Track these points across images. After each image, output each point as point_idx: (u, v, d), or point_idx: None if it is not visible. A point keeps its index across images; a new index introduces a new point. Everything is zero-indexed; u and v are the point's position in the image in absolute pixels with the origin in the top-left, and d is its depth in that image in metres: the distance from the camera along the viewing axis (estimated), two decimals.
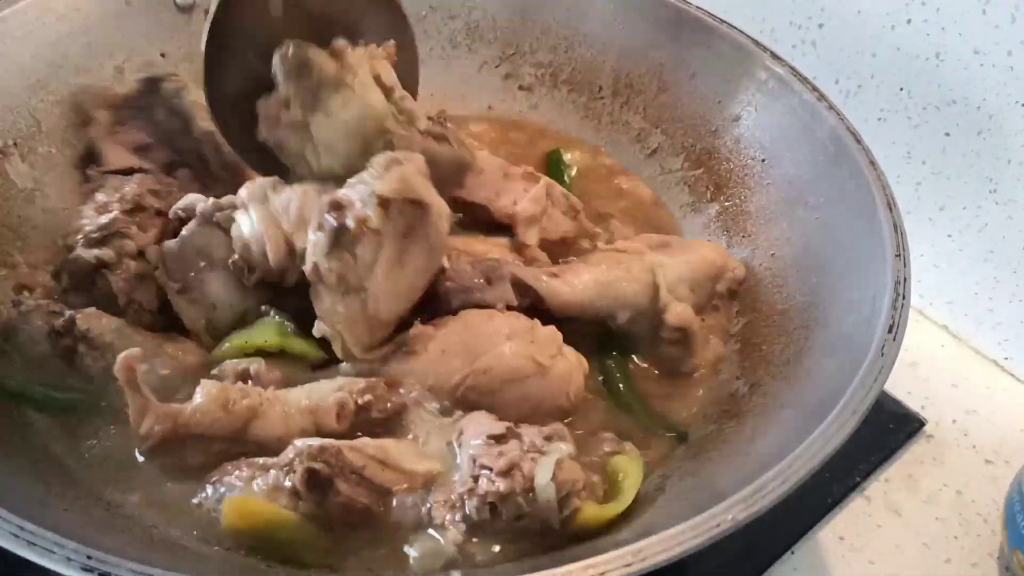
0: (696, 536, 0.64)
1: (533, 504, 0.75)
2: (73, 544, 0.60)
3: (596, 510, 0.78)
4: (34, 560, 0.60)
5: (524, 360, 0.87)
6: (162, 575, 0.60)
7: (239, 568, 0.75)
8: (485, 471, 0.76)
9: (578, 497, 0.77)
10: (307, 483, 0.74)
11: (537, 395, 0.88)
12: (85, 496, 0.79)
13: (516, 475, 0.75)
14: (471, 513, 0.76)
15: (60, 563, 0.60)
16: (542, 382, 0.88)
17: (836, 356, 0.84)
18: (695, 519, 0.65)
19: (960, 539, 1.03)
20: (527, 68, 1.34)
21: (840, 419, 0.72)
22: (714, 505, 0.66)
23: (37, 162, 1.06)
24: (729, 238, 1.11)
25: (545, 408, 0.88)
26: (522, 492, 0.75)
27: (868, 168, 0.96)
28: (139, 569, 0.60)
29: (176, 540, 0.77)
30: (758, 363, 0.94)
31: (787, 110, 1.08)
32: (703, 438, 0.90)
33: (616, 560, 0.62)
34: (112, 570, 0.59)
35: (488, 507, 0.75)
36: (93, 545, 0.61)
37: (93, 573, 0.59)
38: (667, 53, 1.22)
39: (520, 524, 0.76)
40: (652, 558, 0.62)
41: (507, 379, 0.87)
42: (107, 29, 1.16)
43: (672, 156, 1.22)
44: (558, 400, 0.89)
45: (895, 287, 0.83)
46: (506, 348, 0.88)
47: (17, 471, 0.76)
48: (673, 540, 0.64)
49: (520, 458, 0.77)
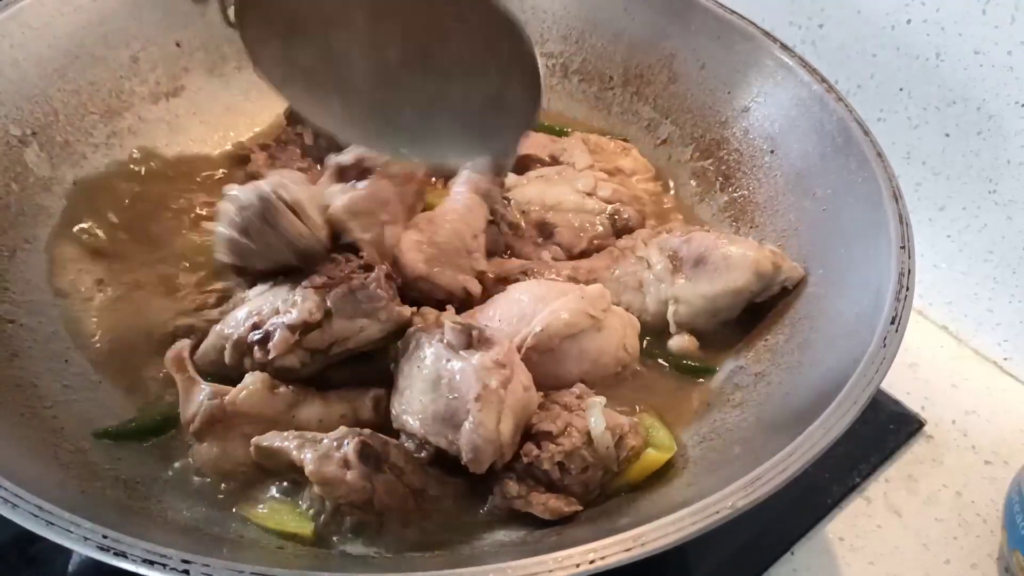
0: (695, 523, 0.65)
1: (595, 453, 0.82)
2: (89, 524, 0.62)
3: (654, 453, 0.85)
4: (52, 539, 0.62)
5: (578, 315, 0.90)
6: (176, 555, 0.61)
7: (255, 550, 0.77)
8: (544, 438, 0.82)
9: (630, 438, 0.83)
10: (360, 453, 0.78)
11: (595, 349, 0.91)
12: (103, 478, 0.81)
13: (572, 432, 0.82)
14: (542, 476, 0.81)
15: (77, 542, 0.61)
16: (598, 336, 0.92)
17: (839, 346, 0.84)
18: (694, 506, 0.66)
19: (959, 539, 1.03)
20: (538, 58, 1.34)
21: (840, 410, 0.73)
22: (714, 493, 0.67)
23: (55, 151, 1.08)
24: (737, 228, 1.12)
25: (604, 361, 0.92)
26: (583, 445, 0.82)
27: (875, 159, 0.96)
28: (154, 549, 0.61)
29: (192, 523, 0.79)
30: (763, 353, 0.95)
31: (796, 101, 1.09)
32: (708, 427, 0.90)
33: (616, 545, 0.63)
34: (127, 550, 0.61)
35: (558, 467, 0.81)
36: (110, 526, 0.63)
37: (109, 552, 0.61)
38: (677, 43, 1.23)
39: (585, 476, 0.82)
40: (652, 543, 0.63)
41: (564, 335, 0.90)
42: (123, 19, 1.17)
43: (682, 146, 1.23)
44: (616, 352, 0.93)
45: (899, 278, 0.84)
46: (558, 305, 0.90)
47: (34, 453, 0.78)
48: (673, 526, 0.65)
49: (569, 417, 0.83)
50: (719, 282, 0.96)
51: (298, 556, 0.76)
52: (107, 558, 0.61)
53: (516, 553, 0.67)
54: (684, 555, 0.98)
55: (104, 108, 1.15)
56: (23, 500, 0.64)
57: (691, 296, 0.97)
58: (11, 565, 0.89)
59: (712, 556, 0.97)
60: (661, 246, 1.00)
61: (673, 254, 0.99)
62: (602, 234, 1.09)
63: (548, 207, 1.10)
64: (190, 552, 0.62)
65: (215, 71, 1.26)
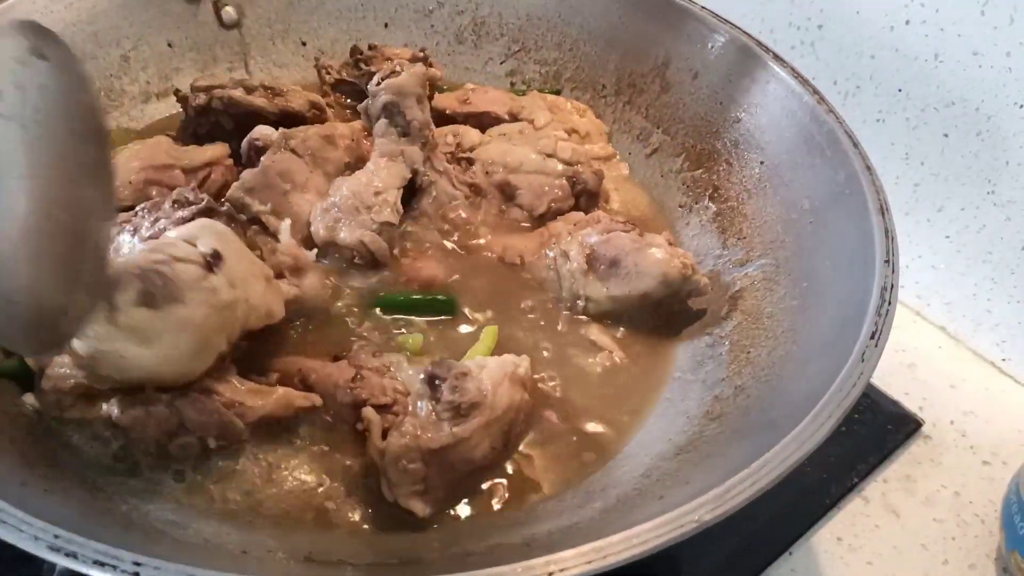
0: (660, 536, 0.64)
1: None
2: (41, 523, 0.61)
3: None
4: (3, 537, 0.61)
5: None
6: (129, 557, 0.60)
7: (214, 553, 0.76)
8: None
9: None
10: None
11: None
12: (69, 478, 0.80)
13: (398, 397, 0.87)
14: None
15: (28, 541, 0.60)
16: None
17: (819, 360, 0.83)
18: (660, 518, 0.65)
19: (958, 540, 1.03)
20: (531, 65, 1.34)
21: (815, 424, 0.72)
22: (682, 505, 0.66)
23: None
24: (724, 240, 1.11)
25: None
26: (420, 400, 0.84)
27: (864, 172, 0.95)
28: (105, 550, 0.60)
29: (155, 525, 0.78)
30: (744, 366, 0.94)
31: (787, 113, 1.08)
32: (685, 440, 0.89)
33: (578, 557, 0.62)
34: (78, 550, 0.60)
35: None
36: (67, 527, 0.62)
37: (59, 552, 0.60)
38: (670, 52, 1.22)
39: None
40: (614, 556, 0.62)
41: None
42: (114, 18, 1.18)
43: (672, 156, 1.22)
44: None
45: (881, 293, 0.82)
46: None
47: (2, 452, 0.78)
48: (637, 539, 0.63)
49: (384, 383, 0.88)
50: (627, 286, 0.99)
51: (261, 562, 0.75)
52: (58, 558, 0.60)
53: (476, 563, 0.66)
54: (680, 555, 0.97)
55: None
56: None
57: (599, 296, 1.01)
58: (8, 564, 0.88)
59: (710, 556, 0.97)
60: (582, 242, 1.02)
61: (591, 252, 1.01)
62: (561, 197, 1.12)
63: (510, 168, 1.12)
64: (146, 554, 0.61)
65: (207, 72, 1.26)
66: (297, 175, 1.04)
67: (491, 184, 1.12)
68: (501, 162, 1.13)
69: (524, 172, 1.12)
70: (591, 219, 1.07)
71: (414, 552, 0.78)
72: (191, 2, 1.25)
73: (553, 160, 1.13)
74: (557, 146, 1.15)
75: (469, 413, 0.82)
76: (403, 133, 1.07)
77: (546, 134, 1.17)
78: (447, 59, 1.35)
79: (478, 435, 0.82)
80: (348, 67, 1.28)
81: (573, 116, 1.23)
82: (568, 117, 1.23)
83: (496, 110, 1.23)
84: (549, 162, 1.13)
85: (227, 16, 1.27)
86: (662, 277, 0.98)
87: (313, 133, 1.09)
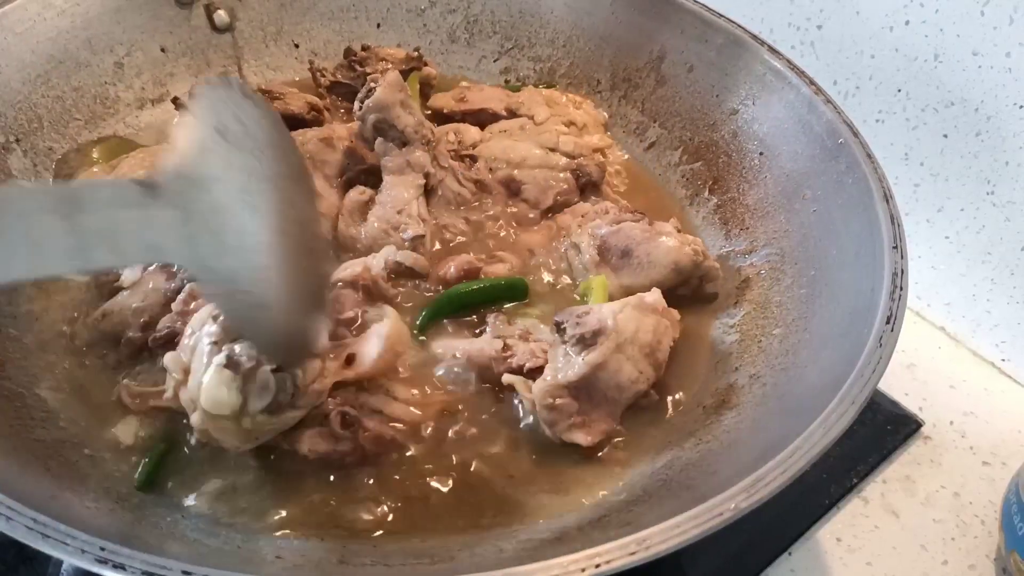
0: (698, 525, 0.65)
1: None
2: (85, 536, 0.61)
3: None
4: (48, 552, 0.61)
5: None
6: (177, 566, 0.60)
7: (246, 560, 0.76)
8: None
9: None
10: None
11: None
12: (95, 489, 0.79)
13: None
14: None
15: (74, 555, 0.60)
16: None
17: (834, 348, 0.85)
18: (697, 508, 0.66)
19: (957, 540, 1.03)
20: (525, 62, 1.35)
21: (839, 409, 0.73)
22: (716, 495, 0.67)
23: (39, 158, 1.06)
24: (727, 231, 1.12)
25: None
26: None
27: (865, 161, 0.97)
28: (152, 560, 0.60)
29: (186, 533, 0.78)
30: (757, 355, 0.95)
31: (784, 104, 1.09)
32: (703, 429, 0.90)
33: (620, 549, 0.63)
34: (126, 561, 0.60)
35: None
36: (105, 537, 0.62)
37: (107, 564, 0.60)
38: (665, 47, 1.24)
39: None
40: (656, 547, 0.63)
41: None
42: (107, 24, 1.16)
43: (670, 150, 1.23)
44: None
45: (892, 279, 0.84)
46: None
47: (26, 466, 0.77)
48: (677, 529, 0.64)
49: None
50: (640, 276, 1.00)
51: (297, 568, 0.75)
52: (105, 570, 0.60)
53: (517, 559, 0.67)
54: (680, 557, 0.97)
55: (89, 114, 1.14)
56: (17, 512, 0.63)
57: (612, 286, 1.01)
58: (9, 564, 0.88)
59: (709, 557, 0.97)
60: (592, 233, 1.03)
61: (602, 243, 1.02)
62: (566, 190, 1.13)
63: (514, 164, 1.14)
64: (190, 562, 0.61)
65: (201, 77, 1.25)
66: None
67: (495, 180, 1.13)
68: (504, 158, 1.14)
69: (528, 167, 1.13)
70: (599, 210, 1.08)
71: (446, 551, 0.79)
72: (183, 7, 1.24)
73: (556, 154, 1.15)
74: (559, 140, 1.16)
75: (595, 341, 0.86)
76: (401, 143, 1.07)
77: (547, 128, 1.18)
78: (441, 58, 1.35)
79: (614, 360, 0.86)
80: (342, 69, 1.28)
81: (569, 108, 1.24)
82: (565, 110, 1.24)
83: (493, 106, 1.24)
84: (552, 156, 1.14)
85: (219, 20, 1.26)
86: (674, 265, 0.99)
87: (311, 137, 1.09)
